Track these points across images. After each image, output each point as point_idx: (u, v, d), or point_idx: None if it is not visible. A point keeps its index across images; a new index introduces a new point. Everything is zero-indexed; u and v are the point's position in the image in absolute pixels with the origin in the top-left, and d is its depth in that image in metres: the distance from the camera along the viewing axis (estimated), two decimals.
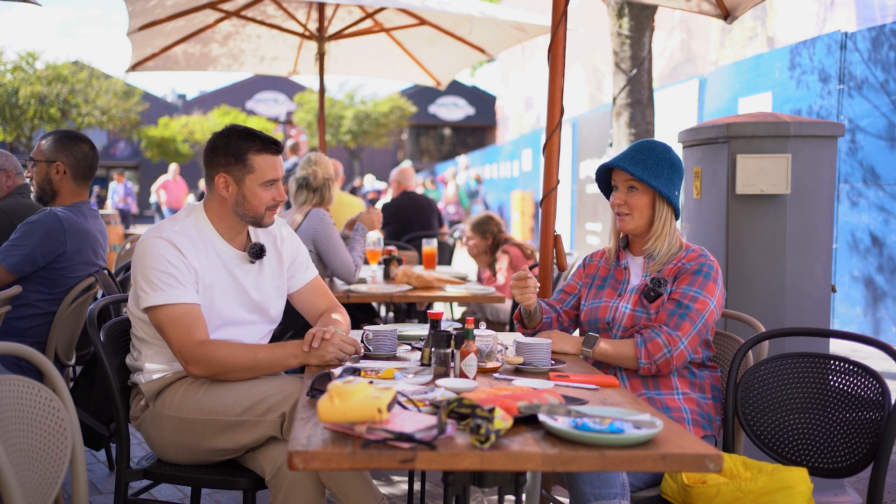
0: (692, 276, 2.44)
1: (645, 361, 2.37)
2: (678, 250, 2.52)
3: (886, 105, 6.87)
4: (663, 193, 2.48)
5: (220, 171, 2.44)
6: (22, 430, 1.70)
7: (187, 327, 2.29)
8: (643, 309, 2.47)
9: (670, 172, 2.50)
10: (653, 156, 2.51)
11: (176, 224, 2.43)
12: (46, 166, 3.26)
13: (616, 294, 2.59)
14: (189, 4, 5.45)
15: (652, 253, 2.53)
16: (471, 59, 6.65)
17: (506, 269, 5.21)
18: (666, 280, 2.47)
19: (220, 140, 2.46)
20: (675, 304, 2.42)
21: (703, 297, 2.40)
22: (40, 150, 3.29)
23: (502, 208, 20.87)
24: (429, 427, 1.66)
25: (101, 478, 3.72)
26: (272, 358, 2.34)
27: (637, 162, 2.50)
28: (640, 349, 2.38)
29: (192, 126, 31.07)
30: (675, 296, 2.43)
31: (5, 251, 3.08)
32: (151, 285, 2.30)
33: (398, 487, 3.61)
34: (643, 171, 2.48)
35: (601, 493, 2.10)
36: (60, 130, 3.35)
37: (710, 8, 3.92)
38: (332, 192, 4.26)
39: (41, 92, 21.95)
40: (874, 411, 2.17)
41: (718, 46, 12.56)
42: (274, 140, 2.47)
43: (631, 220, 2.54)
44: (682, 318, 2.38)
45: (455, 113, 38.88)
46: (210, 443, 2.33)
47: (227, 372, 2.32)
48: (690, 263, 2.47)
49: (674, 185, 2.51)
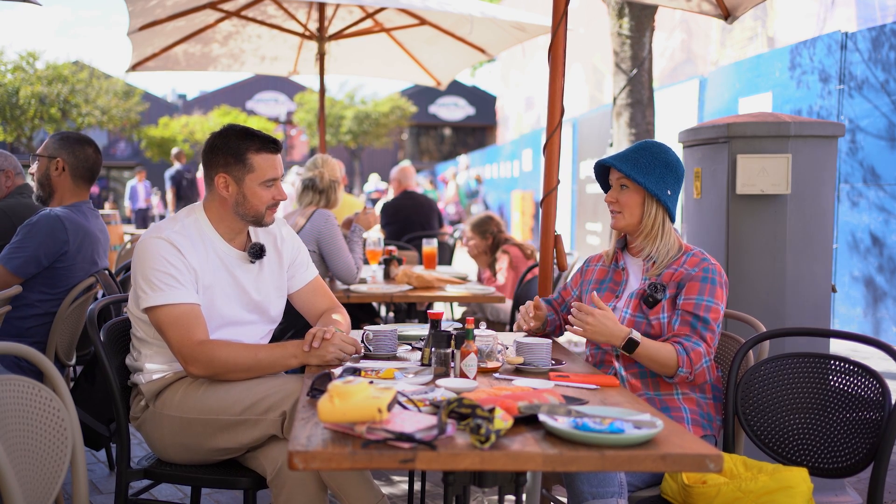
0: (700, 283, 2.40)
1: (685, 370, 2.32)
2: (677, 253, 2.50)
3: (887, 105, 6.86)
4: (652, 191, 2.46)
5: (219, 171, 2.43)
6: (22, 430, 1.70)
7: (187, 327, 2.29)
8: (643, 315, 2.45)
9: (663, 171, 2.49)
10: (646, 154, 2.51)
11: (175, 224, 2.42)
12: (47, 162, 3.28)
13: (614, 296, 2.57)
14: (189, 4, 5.46)
15: (650, 255, 2.51)
16: (471, 59, 6.65)
17: (506, 269, 5.21)
18: (665, 285, 2.44)
19: (218, 140, 2.45)
20: (691, 315, 2.38)
21: (715, 306, 2.39)
22: (45, 146, 3.31)
23: (502, 208, 20.86)
24: (429, 427, 1.66)
25: (102, 478, 3.72)
26: (272, 358, 2.33)
27: (629, 160, 2.51)
28: (683, 357, 2.32)
29: (192, 126, 31.05)
30: (688, 307, 2.38)
31: (8, 255, 3.07)
32: (151, 285, 2.30)
33: (398, 487, 3.61)
34: (632, 169, 2.48)
35: (598, 491, 2.10)
36: (70, 132, 3.37)
37: (710, 8, 3.92)
38: (337, 194, 4.27)
39: (41, 92, 21.94)
40: (874, 411, 2.17)
41: (719, 46, 12.56)
42: (273, 139, 2.46)
43: (622, 218, 2.54)
44: (705, 330, 2.36)
45: (455, 113, 38.86)
46: (211, 442, 2.33)
47: (227, 372, 2.32)
48: (694, 269, 2.43)
49: (666, 184, 2.48)
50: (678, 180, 2.53)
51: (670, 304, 2.44)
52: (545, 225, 3.33)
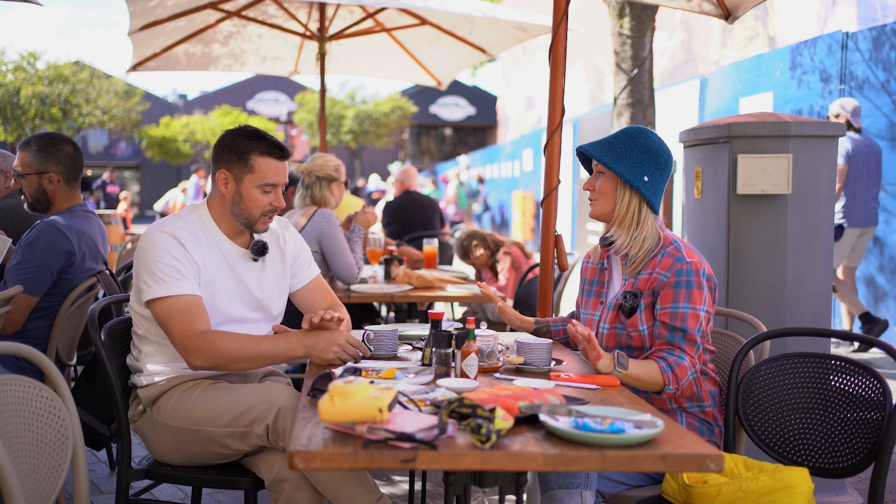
0: (674, 290, 2.28)
1: (672, 387, 2.24)
2: (655, 246, 2.36)
3: (887, 105, 6.86)
4: (625, 178, 2.34)
5: (222, 166, 2.45)
6: (23, 430, 1.70)
7: (189, 318, 2.28)
8: (622, 325, 2.38)
9: (641, 156, 2.36)
10: (623, 139, 2.40)
11: (179, 220, 2.43)
12: (38, 178, 3.19)
13: (599, 303, 2.52)
14: (190, 4, 5.46)
15: (625, 247, 2.39)
16: (472, 59, 6.65)
17: (507, 269, 5.22)
18: (639, 293, 2.34)
19: (228, 137, 2.46)
20: (667, 328, 2.28)
21: (693, 311, 2.27)
22: (24, 162, 3.19)
23: (503, 208, 20.87)
24: (430, 427, 1.66)
25: (103, 478, 3.72)
26: (276, 349, 2.32)
27: (605, 145, 2.40)
28: (668, 375, 2.24)
29: (193, 126, 31.07)
30: (664, 318, 2.29)
31: (17, 276, 3.03)
32: (154, 277, 2.30)
33: (399, 487, 3.61)
34: (604, 154, 2.38)
35: (565, 482, 2.10)
36: (39, 136, 3.26)
37: (711, 8, 3.92)
38: (326, 191, 4.21)
39: (42, 92, 21.95)
40: (875, 411, 2.17)
41: (719, 46, 12.55)
42: (281, 145, 2.44)
43: (597, 205, 2.44)
44: (683, 341, 2.27)
45: (456, 113, 38.87)
46: (204, 450, 2.34)
47: (229, 362, 2.30)
48: (666, 274, 2.30)
49: (643, 169, 2.35)
50: (660, 167, 2.39)
51: (649, 313, 2.34)
52: (546, 225, 3.33)
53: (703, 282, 2.30)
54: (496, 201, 21.59)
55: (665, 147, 2.42)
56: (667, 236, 2.39)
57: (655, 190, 2.38)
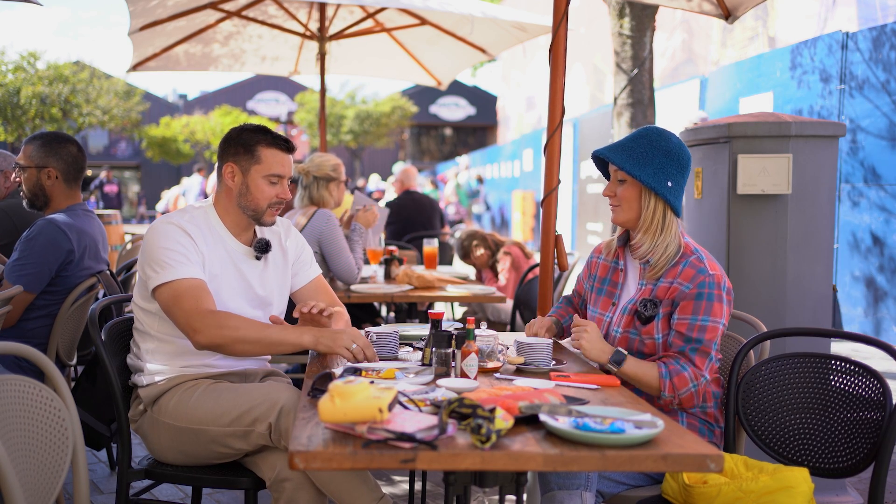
0: (695, 301, 2.26)
1: (668, 394, 2.24)
2: (676, 254, 2.34)
3: (888, 105, 6.86)
4: (649, 185, 2.30)
5: (228, 160, 2.48)
6: (23, 430, 1.70)
7: (197, 298, 2.29)
8: (636, 331, 2.37)
9: (664, 161, 2.32)
10: (643, 143, 2.35)
11: (185, 214, 2.47)
12: (37, 172, 3.21)
13: (611, 303, 2.49)
14: (190, 4, 5.46)
15: (647, 253, 2.37)
16: (472, 59, 6.65)
17: (508, 269, 5.23)
18: (658, 302, 2.32)
19: (234, 132, 2.51)
20: (682, 337, 2.26)
21: (712, 324, 2.25)
22: (27, 155, 3.22)
23: (503, 208, 20.87)
24: (430, 427, 1.66)
25: (103, 478, 3.72)
26: (282, 336, 2.31)
27: (625, 150, 2.35)
28: (665, 382, 2.23)
29: (193, 126, 31.06)
30: (681, 328, 2.26)
31: (15, 272, 3.02)
32: (161, 264, 2.31)
33: (399, 487, 3.61)
34: (627, 161, 2.33)
35: (565, 483, 2.10)
36: (45, 133, 3.30)
37: (711, 8, 3.92)
38: (323, 191, 4.20)
39: (42, 92, 21.96)
40: (875, 411, 2.17)
41: (719, 46, 12.55)
42: (286, 139, 2.50)
43: (621, 212, 2.41)
44: (694, 353, 2.25)
45: (456, 113, 38.86)
46: (205, 450, 2.34)
47: (234, 342, 2.28)
48: (688, 285, 2.27)
49: (666, 175, 2.31)
50: (681, 170, 2.35)
51: (665, 322, 2.32)
52: (546, 225, 3.32)
53: (724, 295, 2.29)
54: (496, 201, 21.60)
55: (684, 147, 2.39)
56: (687, 244, 2.37)
57: (678, 193, 2.36)
